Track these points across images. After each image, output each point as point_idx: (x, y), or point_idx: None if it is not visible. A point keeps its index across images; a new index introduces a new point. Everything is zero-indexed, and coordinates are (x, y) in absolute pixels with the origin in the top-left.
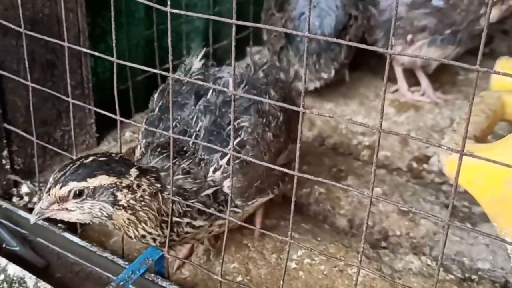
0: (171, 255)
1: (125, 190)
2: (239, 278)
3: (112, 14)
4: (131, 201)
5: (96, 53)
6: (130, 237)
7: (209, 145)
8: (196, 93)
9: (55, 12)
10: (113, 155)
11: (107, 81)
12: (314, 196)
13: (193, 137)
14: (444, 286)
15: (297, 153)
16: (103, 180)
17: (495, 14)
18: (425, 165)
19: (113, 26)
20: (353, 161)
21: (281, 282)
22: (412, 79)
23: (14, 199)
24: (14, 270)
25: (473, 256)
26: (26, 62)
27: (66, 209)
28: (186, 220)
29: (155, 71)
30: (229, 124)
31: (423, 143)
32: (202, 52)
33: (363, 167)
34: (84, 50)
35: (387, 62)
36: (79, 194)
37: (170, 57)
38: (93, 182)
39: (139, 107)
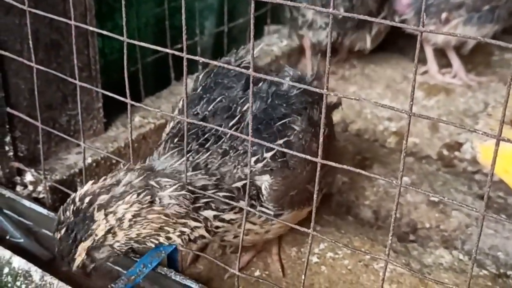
0: (185, 248)
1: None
2: (257, 273)
3: None
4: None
5: (105, 32)
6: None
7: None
8: (247, 80)
9: None
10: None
11: (116, 63)
12: (337, 186)
13: (238, 117)
14: (478, 282)
15: (321, 139)
16: (84, 245)
17: None
18: (457, 153)
19: (122, 3)
20: (379, 148)
21: (302, 277)
22: (443, 60)
23: (18, 188)
24: (19, 263)
25: (508, 251)
26: (30, 42)
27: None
28: (212, 212)
29: (168, 50)
30: (280, 118)
31: (456, 127)
32: (259, 48)
33: (389, 155)
34: (91, 29)
35: (417, 41)
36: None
37: (184, 36)
38: (78, 254)
39: (149, 90)
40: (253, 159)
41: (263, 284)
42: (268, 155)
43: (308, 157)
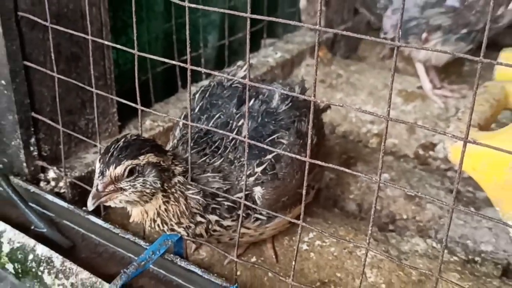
0: (189, 238)
1: (166, 173)
2: (253, 259)
3: (133, 8)
4: (168, 188)
5: (118, 46)
6: (163, 230)
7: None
8: (238, 98)
9: (79, 6)
10: (147, 137)
11: (128, 72)
12: (325, 181)
13: (235, 132)
14: (449, 268)
15: (309, 141)
16: (150, 157)
17: None
18: (431, 152)
19: (134, 19)
20: (362, 148)
21: (293, 263)
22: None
23: (42, 184)
24: (42, 250)
25: (476, 239)
26: (52, 55)
27: (121, 188)
28: (215, 218)
29: (174, 62)
30: (269, 135)
31: (429, 131)
32: (248, 66)
33: (371, 154)
34: (107, 43)
35: (394, 54)
36: (131, 172)
37: (188, 49)
38: (143, 160)
39: (158, 96)
40: (246, 173)
41: (258, 269)
42: (258, 169)
43: (298, 156)
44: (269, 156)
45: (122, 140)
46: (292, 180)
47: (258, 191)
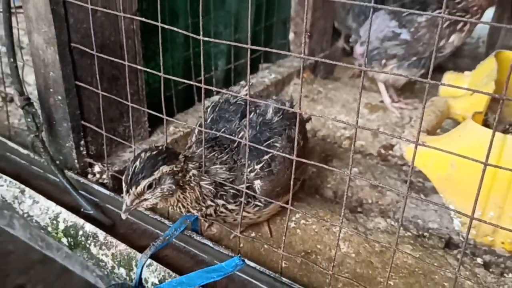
0: (203, 218)
1: (180, 174)
2: (253, 234)
3: (160, 40)
4: (184, 183)
5: (148, 70)
6: (181, 211)
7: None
8: (241, 112)
9: (118, 39)
10: (160, 147)
11: (157, 90)
12: (308, 174)
13: (237, 142)
14: (403, 241)
15: (295, 143)
16: (163, 170)
17: (458, 40)
18: (390, 151)
19: (160, 49)
20: (337, 148)
21: (284, 237)
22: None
23: (89, 176)
24: (89, 227)
25: (425, 219)
26: (97, 76)
27: (144, 199)
28: (222, 202)
29: (191, 82)
30: (265, 140)
31: (389, 135)
32: (249, 85)
33: (344, 153)
34: (140, 67)
35: (361, 76)
36: (149, 186)
37: (202, 72)
38: (157, 174)
39: (180, 108)
40: (248, 169)
41: (257, 242)
42: (257, 167)
43: (287, 155)
44: (266, 157)
45: (139, 160)
46: (284, 175)
47: (257, 183)
